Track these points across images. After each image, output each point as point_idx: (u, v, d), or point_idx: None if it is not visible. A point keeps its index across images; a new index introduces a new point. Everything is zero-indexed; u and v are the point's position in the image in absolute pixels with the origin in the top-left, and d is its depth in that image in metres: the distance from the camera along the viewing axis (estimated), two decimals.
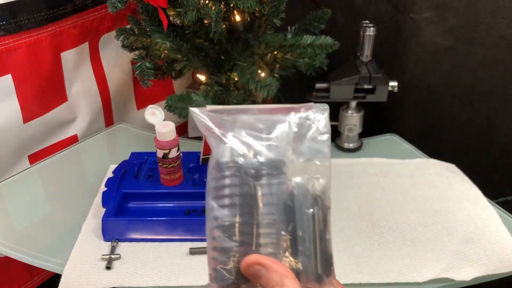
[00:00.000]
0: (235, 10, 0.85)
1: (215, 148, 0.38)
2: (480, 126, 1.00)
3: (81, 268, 0.65)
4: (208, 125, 0.38)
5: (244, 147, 0.37)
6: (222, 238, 0.37)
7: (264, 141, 0.37)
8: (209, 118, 0.38)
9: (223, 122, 0.38)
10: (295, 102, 0.40)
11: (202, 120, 0.38)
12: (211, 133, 0.38)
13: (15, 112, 0.87)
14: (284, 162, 0.37)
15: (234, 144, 0.37)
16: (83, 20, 0.96)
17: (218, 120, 0.38)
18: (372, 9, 1.02)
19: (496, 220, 0.72)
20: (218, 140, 0.38)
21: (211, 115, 0.38)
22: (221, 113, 0.39)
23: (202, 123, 0.38)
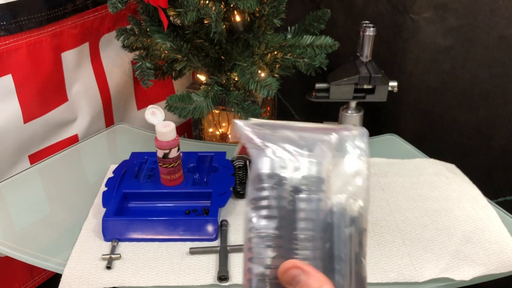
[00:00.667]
0: (235, 10, 0.85)
1: (256, 160, 0.39)
2: (480, 126, 1.00)
3: (81, 268, 0.65)
4: (251, 136, 0.39)
5: (285, 161, 0.38)
6: (258, 249, 0.37)
7: (305, 157, 0.38)
8: (252, 130, 0.40)
9: (265, 135, 0.39)
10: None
11: (244, 132, 0.39)
12: (252, 144, 0.39)
13: (15, 112, 0.87)
14: (323, 180, 0.38)
15: (275, 157, 0.38)
16: (83, 20, 0.96)
17: (260, 133, 0.39)
18: (371, 9, 1.02)
19: (496, 220, 0.73)
20: (259, 152, 0.39)
21: (254, 127, 0.40)
22: (264, 127, 0.40)
23: (245, 135, 0.39)
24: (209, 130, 1.06)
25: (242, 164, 0.84)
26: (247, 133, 0.39)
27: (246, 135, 0.39)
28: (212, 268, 0.65)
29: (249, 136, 0.39)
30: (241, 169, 0.83)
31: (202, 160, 0.84)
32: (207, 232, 0.70)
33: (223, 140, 1.06)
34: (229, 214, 0.75)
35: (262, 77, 0.83)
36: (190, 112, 0.84)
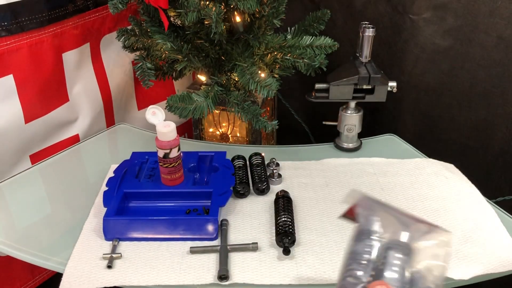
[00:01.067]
0: (235, 11, 0.85)
1: (362, 218, 0.51)
2: (479, 126, 1.00)
3: (82, 267, 0.65)
4: (364, 203, 0.52)
5: (386, 226, 0.50)
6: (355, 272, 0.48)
7: (400, 230, 0.50)
8: (365, 197, 0.53)
9: (374, 206, 0.52)
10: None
11: (360, 199, 0.52)
12: (362, 207, 0.52)
13: (16, 112, 0.88)
14: (412, 249, 0.48)
15: (378, 220, 0.51)
16: (84, 20, 0.96)
17: (370, 203, 0.52)
18: (371, 10, 1.03)
19: (495, 220, 0.73)
20: (367, 214, 0.51)
21: (366, 199, 0.53)
22: (374, 201, 0.53)
23: (359, 201, 0.52)
24: (209, 130, 1.06)
25: (242, 164, 0.84)
26: (361, 200, 0.52)
27: (361, 202, 0.52)
28: (213, 268, 0.65)
29: (362, 200, 0.52)
30: (241, 168, 0.83)
31: (202, 160, 0.84)
32: (208, 231, 0.70)
33: (223, 140, 1.06)
34: (229, 214, 0.76)
35: (262, 78, 0.83)
36: (190, 112, 0.84)
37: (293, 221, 0.71)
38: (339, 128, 0.94)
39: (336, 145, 0.95)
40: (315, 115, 1.26)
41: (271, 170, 0.84)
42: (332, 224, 0.73)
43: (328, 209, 0.77)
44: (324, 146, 0.97)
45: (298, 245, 0.69)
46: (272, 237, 0.70)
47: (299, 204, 0.78)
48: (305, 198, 0.79)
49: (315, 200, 0.79)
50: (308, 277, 0.63)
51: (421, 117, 1.07)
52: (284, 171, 0.87)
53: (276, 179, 0.83)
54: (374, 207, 0.52)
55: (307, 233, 0.71)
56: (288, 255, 0.66)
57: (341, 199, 0.79)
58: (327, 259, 0.66)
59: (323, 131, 1.01)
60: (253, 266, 0.65)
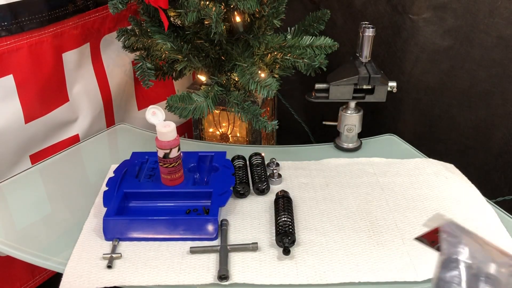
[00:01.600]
0: (235, 11, 0.85)
1: (448, 245, 0.51)
2: (479, 126, 1.00)
3: (82, 267, 0.65)
4: (448, 227, 0.52)
5: (473, 255, 0.50)
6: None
7: (490, 261, 0.49)
8: (450, 222, 0.52)
9: (460, 231, 0.51)
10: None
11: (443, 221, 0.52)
12: (447, 233, 0.51)
13: (16, 113, 0.88)
14: (501, 281, 0.48)
15: (466, 248, 0.50)
16: (84, 20, 0.97)
17: (456, 228, 0.52)
18: (371, 10, 1.03)
19: (495, 220, 0.73)
20: (453, 241, 0.51)
21: (452, 222, 0.52)
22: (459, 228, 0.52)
23: (446, 228, 0.52)
24: (209, 130, 1.06)
25: (242, 164, 0.84)
26: (446, 226, 0.52)
27: (445, 227, 0.52)
28: (212, 268, 0.65)
29: (447, 228, 0.52)
30: (241, 168, 0.83)
31: (202, 160, 0.84)
32: (208, 231, 0.70)
33: (223, 140, 1.06)
34: (229, 214, 0.76)
35: (262, 78, 0.83)
36: (190, 112, 0.84)
37: (293, 221, 0.71)
38: (339, 128, 0.94)
39: (336, 145, 0.95)
40: (315, 115, 1.26)
41: (271, 170, 0.84)
42: (332, 224, 0.73)
43: (328, 209, 0.77)
44: (324, 146, 0.97)
45: (298, 245, 0.69)
46: (272, 237, 0.70)
47: (299, 204, 0.78)
48: (305, 198, 0.79)
49: (315, 200, 0.79)
50: (308, 277, 0.63)
51: (421, 117, 1.07)
52: (284, 171, 0.87)
53: (276, 179, 0.83)
54: (459, 234, 0.51)
55: (307, 233, 0.71)
56: (288, 255, 0.66)
57: (340, 199, 0.79)
58: (327, 259, 0.66)
59: (323, 131, 1.01)
60: (253, 266, 0.65)
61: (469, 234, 0.52)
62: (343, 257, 0.67)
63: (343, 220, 0.74)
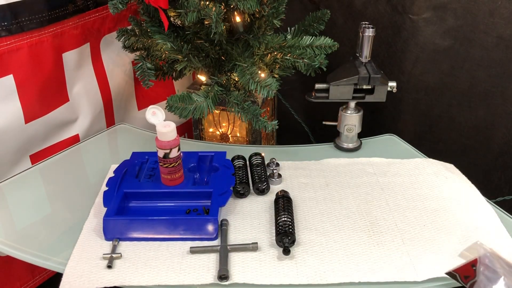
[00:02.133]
0: (235, 11, 0.85)
1: (489, 282, 0.49)
2: (479, 126, 1.00)
3: (82, 267, 0.65)
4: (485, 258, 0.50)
5: None
6: None
7: None
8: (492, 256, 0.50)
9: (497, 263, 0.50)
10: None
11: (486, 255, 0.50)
12: (487, 267, 0.50)
13: (16, 112, 0.88)
14: None
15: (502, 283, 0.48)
16: (84, 20, 0.97)
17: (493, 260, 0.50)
18: (371, 10, 1.03)
19: (495, 220, 0.73)
20: (494, 276, 0.49)
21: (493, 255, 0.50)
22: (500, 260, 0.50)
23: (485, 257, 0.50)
24: (209, 130, 1.06)
25: (242, 164, 0.84)
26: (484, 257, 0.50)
27: (486, 261, 0.50)
28: (213, 267, 0.65)
29: (488, 262, 0.49)
30: (241, 168, 0.83)
31: (202, 160, 0.84)
32: (208, 231, 0.70)
33: (223, 140, 1.06)
34: (229, 214, 0.76)
35: (262, 78, 0.83)
36: (190, 112, 0.84)
37: (293, 221, 0.71)
38: (339, 128, 0.94)
39: (336, 145, 0.95)
40: (315, 115, 1.26)
41: (271, 170, 0.84)
42: (332, 224, 0.73)
43: (328, 209, 0.77)
44: (324, 146, 0.97)
45: (298, 245, 0.69)
46: (272, 237, 0.70)
47: (299, 204, 0.78)
48: (305, 198, 0.79)
49: (315, 200, 0.79)
50: (308, 277, 0.63)
51: (421, 117, 1.07)
52: (284, 171, 0.87)
53: (276, 179, 0.83)
54: (498, 268, 0.49)
55: (307, 233, 0.71)
56: (288, 255, 0.66)
57: (340, 199, 0.79)
58: (327, 259, 0.66)
59: (323, 131, 1.01)
60: (253, 266, 0.65)
61: (506, 266, 0.49)
62: (343, 257, 0.67)
63: (343, 220, 0.74)
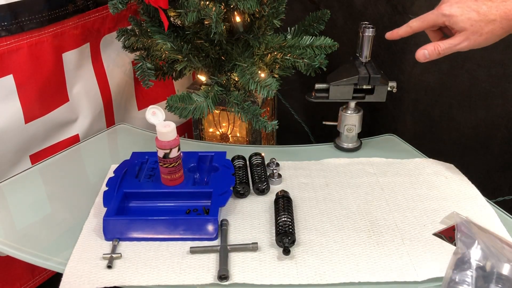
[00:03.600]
0: (235, 11, 0.85)
1: (462, 245, 0.50)
2: (479, 126, 1.00)
3: (82, 267, 0.65)
4: (463, 226, 0.51)
5: (487, 256, 0.48)
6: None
7: (503, 262, 0.48)
8: (465, 221, 0.51)
9: (477, 232, 0.50)
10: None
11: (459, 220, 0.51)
12: (462, 232, 0.51)
13: (16, 113, 0.88)
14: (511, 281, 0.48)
15: (479, 249, 0.49)
16: (84, 21, 0.97)
17: (471, 227, 0.50)
18: (371, 10, 1.03)
19: (495, 220, 0.73)
20: (467, 241, 0.50)
21: (470, 223, 0.51)
22: (477, 227, 0.51)
23: (458, 222, 0.51)
24: (209, 130, 1.06)
25: (242, 164, 0.84)
26: (462, 225, 0.51)
27: (461, 226, 0.51)
28: (212, 268, 0.65)
29: (462, 228, 0.51)
30: (241, 168, 0.83)
31: (202, 160, 0.84)
32: (208, 231, 0.70)
33: (223, 140, 1.07)
34: (229, 214, 0.76)
35: (262, 78, 0.83)
36: (190, 112, 0.84)
37: (293, 221, 0.71)
38: (339, 128, 0.94)
39: (336, 145, 0.95)
40: (315, 115, 1.26)
41: (271, 170, 0.84)
42: (332, 224, 0.73)
43: (328, 209, 0.77)
44: (324, 146, 0.97)
45: (298, 245, 0.69)
46: (272, 237, 0.70)
47: (299, 204, 0.78)
48: (305, 198, 0.79)
49: (315, 200, 0.79)
50: (308, 277, 0.63)
51: (421, 117, 1.07)
52: (284, 171, 0.87)
53: (276, 179, 0.83)
54: (474, 234, 0.50)
55: (307, 233, 0.71)
56: (288, 255, 0.66)
57: (340, 199, 0.79)
58: (327, 259, 0.66)
59: (323, 131, 1.01)
60: (253, 266, 0.65)
61: (485, 233, 0.50)
62: (343, 257, 0.67)
63: (343, 220, 0.74)
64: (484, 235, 0.50)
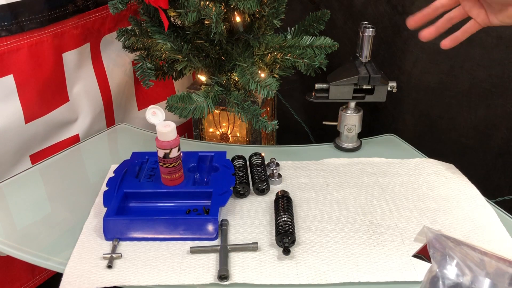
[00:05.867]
0: (235, 11, 0.85)
1: (437, 264, 0.46)
2: (479, 126, 1.00)
3: (82, 267, 0.65)
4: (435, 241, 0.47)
5: (464, 273, 0.45)
6: None
7: (482, 276, 0.45)
8: (437, 235, 0.48)
9: (449, 246, 0.47)
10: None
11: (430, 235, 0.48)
12: (435, 248, 0.47)
13: (16, 112, 0.88)
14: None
15: (454, 267, 0.45)
16: (84, 21, 0.97)
17: (445, 243, 0.47)
18: (371, 10, 1.03)
19: (495, 220, 0.73)
20: (441, 257, 0.46)
21: (441, 237, 0.47)
22: (449, 239, 0.47)
23: (432, 241, 0.47)
24: (209, 130, 1.06)
25: (242, 164, 0.84)
26: (434, 240, 0.47)
27: (433, 242, 0.47)
28: (213, 267, 0.65)
29: (435, 242, 0.47)
30: (241, 168, 0.83)
31: (202, 160, 0.84)
32: (208, 231, 0.70)
33: (223, 140, 1.07)
34: (229, 214, 0.76)
35: (262, 78, 0.83)
36: (190, 112, 0.84)
37: (293, 221, 0.71)
38: (339, 128, 0.94)
39: (336, 145, 0.95)
40: (315, 115, 1.26)
41: (271, 170, 0.84)
42: (332, 224, 0.73)
43: (328, 209, 0.77)
44: (324, 146, 0.97)
45: (298, 245, 0.69)
46: (272, 237, 0.70)
47: (299, 204, 0.78)
48: (305, 198, 0.80)
49: (315, 200, 0.79)
50: (308, 277, 0.63)
51: (421, 117, 1.07)
52: (284, 171, 0.87)
53: (276, 179, 0.83)
54: (449, 249, 0.47)
55: (307, 233, 0.71)
56: (288, 255, 0.66)
57: (340, 199, 0.79)
58: (327, 259, 0.66)
59: (323, 131, 1.01)
60: (253, 266, 0.65)
61: (462, 246, 0.48)
62: (343, 257, 0.67)
63: (343, 220, 0.74)
64: (460, 249, 0.47)
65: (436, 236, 0.48)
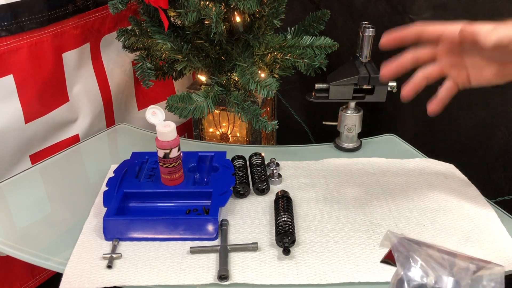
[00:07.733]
0: (235, 11, 0.85)
1: (402, 267, 0.48)
2: (479, 126, 1.00)
3: (82, 267, 0.65)
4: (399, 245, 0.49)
5: (427, 273, 0.46)
6: None
7: (445, 275, 0.46)
8: (401, 241, 0.49)
9: (413, 248, 0.48)
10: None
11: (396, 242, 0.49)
12: (399, 252, 0.49)
13: (16, 112, 0.88)
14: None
15: (418, 268, 0.47)
16: (84, 20, 0.97)
17: (408, 245, 0.49)
18: (371, 10, 1.03)
19: (495, 220, 0.73)
20: (405, 260, 0.48)
21: (403, 240, 0.49)
22: (412, 242, 0.49)
23: (395, 244, 0.49)
24: (209, 130, 1.06)
25: (242, 164, 0.84)
26: (397, 244, 0.49)
27: (397, 246, 0.49)
28: (213, 268, 0.65)
29: (399, 246, 0.49)
30: (241, 168, 0.83)
31: (202, 160, 0.84)
32: (208, 231, 0.70)
33: (223, 140, 1.07)
34: (229, 214, 0.76)
35: (262, 78, 0.83)
36: (190, 112, 0.84)
37: (293, 221, 0.71)
38: (339, 128, 0.94)
39: (336, 145, 0.95)
40: (315, 115, 1.26)
41: (271, 170, 0.84)
42: (332, 224, 0.73)
43: (328, 209, 0.77)
44: (324, 146, 0.97)
45: (298, 245, 0.69)
46: (272, 237, 0.70)
47: (299, 204, 0.78)
48: (305, 198, 0.80)
49: (315, 200, 0.79)
50: (308, 277, 0.63)
51: (421, 117, 1.07)
52: (284, 171, 0.87)
53: (276, 179, 0.83)
54: (412, 251, 0.48)
55: (307, 233, 0.71)
56: (288, 255, 0.66)
57: (340, 199, 0.79)
58: (327, 259, 0.66)
59: (323, 131, 1.01)
60: (253, 266, 0.65)
61: (425, 248, 0.48)
62: (343, 257, 0.67)
63: (343, 220, 0.74)
64: (424, 251, 0.48)
65: (399, 240, 0.49)
